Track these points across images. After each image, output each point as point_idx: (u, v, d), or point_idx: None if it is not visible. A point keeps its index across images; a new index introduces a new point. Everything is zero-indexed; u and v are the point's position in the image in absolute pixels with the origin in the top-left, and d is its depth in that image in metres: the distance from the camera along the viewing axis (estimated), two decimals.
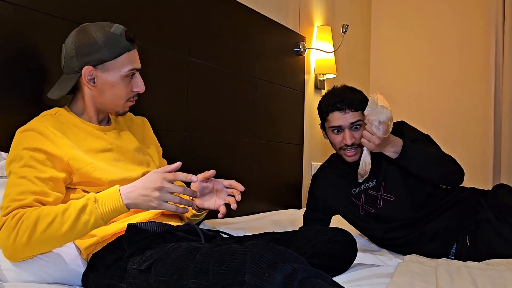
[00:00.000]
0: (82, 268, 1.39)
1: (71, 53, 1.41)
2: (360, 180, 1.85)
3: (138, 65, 1.47)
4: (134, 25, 1.94)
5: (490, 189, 2.02)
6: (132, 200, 1.26)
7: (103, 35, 1.40)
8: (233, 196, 1.50)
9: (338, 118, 1.90)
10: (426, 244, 1.92)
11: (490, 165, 3.66)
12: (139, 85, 1.48)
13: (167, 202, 1.26)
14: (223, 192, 1.53)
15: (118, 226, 1.37)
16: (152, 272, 1.19)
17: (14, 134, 1.38)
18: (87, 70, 1.40)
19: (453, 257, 1.87)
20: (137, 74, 1.48)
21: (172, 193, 1.27)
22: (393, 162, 1.86)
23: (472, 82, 3.88)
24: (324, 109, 1.95)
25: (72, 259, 1.37)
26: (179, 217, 1.57)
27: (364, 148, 1.76)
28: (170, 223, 1.43)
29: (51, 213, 1.22)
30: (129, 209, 1.27)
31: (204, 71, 2.38)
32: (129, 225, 1.35)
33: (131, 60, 1.44)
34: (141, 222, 1.38)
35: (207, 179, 1.53)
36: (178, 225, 1.44)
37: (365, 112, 1.69)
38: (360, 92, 1.97)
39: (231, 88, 2.59)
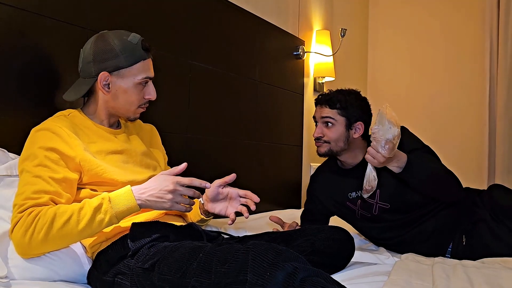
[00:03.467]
0: (87, 266, 1.40)
1: (88, 58, 1.44)
2: (365, 196, 1.76)
3: (152, 74, 1.50)
4: (136, 29, 1.94)
5: (485, 189, 2.01)
6: (144, 201, 1.31)
7: (120, 43, 1.42)
8: (246, 206, 1.53)
9: (316, 111, 2.01)
10: (423, 244, 1.92)
11: (485, 165, 3.67)
12: (151, 93, 1.50)
13: (178, 203, 1.33)
14: (236, 201, 1.56)
15: (123, 225, 1.37)
16: (156, 270, 1.20)
17: (22, 136, 1.38)
18: (103, 75, 1.42)
19: (449, 256, 1.87)
20: (150, 82, 1.50)
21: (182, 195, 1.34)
22: (391, 172, 1.86)
23: (467, 85, 3.88)
24: (314, 102, 2.05)
25: (78, 257, 1.38)
26: (182, 217, 1.57)
27: (369, 163, 1.70)
28: (173, 223, 1.44)
29: (67, 211, 1.24)
30: (140, 208, 1.31)
31: (206, 74, 2.38)
32: (133, 224, 1.36)
33: (145, 68, 1.46)
34: (145, 222, 1.38)
35: (225, 184, 1.56)
36: (181, 225, 1.45)
37: (373, 130, 1.64)
38: (357, 98, 1.97)
39: (232, 91, 2.59)
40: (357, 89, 2.03)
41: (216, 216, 1.60)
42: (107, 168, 1.39)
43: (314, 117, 2.01)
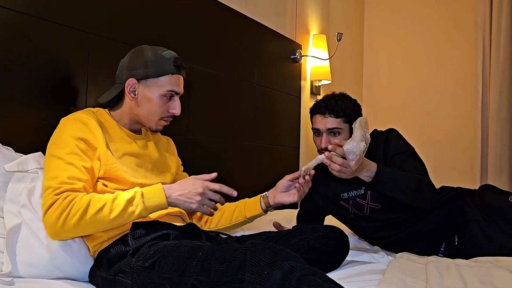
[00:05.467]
0: (89, 265, 1.40)
1: (123, 66, 1.52)
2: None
3: (178, 90, 1.52)
4: (137, 33, 1.95)
5: (476, 189, 2.01)
6: (173, 200, 1.36)
7: (153, 56, 1.49)
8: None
9: (318, 121, 1.89)
10: (416, 243, 1.92)
11: (478, 166, 3.68)
12: (176, 108, 1.53)
13: (204, 206, 1.39)
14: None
15: (125, 226, 1.37)
16: (156, 269, 1.20)
17: (27, 136, 1.42)
18: (131, 81, 1.48)
19: (442, 255, 1.87)
20: (176, 98, 1.53)
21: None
22: None
23: (461, 87, 3.89)
24: (310, 111, 1.97)
25: (81, 255, 1.38)
26: (182, 218, 1.58)
27: (320, 157, 1.65)
28: (173, 223, 1.44)
29: (101, 200, 1.29)
30: (168, 206, 1.37)
31: (205, 77, 2.38)
32: (134, 223, 1.36)
33: (172, 82, 1.50)
34: (145, 221, 1.39)
35: (294, 178, 1.69)
36: (181, 225, 1.45)
37: (345, 147, 1.59)
38: (352, 101, 1.92)
39: (231, 94, 2.60)
40: (345, 92, 1.97)
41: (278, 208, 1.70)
42: (121, 167, 1.42)
43: (316, 129, 1.90)
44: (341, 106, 1.87)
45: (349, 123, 1.88)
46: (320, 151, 1.91)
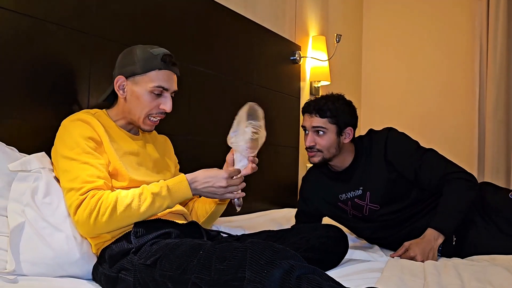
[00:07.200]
0: (92, 262, 1.40)
1: (115, 65, 1.53)
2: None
3: (167, 85, 1.50)
4: (139, 36, 1.95)
5: None
6: (198, 192, 1.42)
7: (141, 53, 1.49)
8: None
9: (306, 120, 1.94)
10: None
11: (475, 165, 3.69)
12: (167, 104, 1.51)
13: (228, 193, 1.44)
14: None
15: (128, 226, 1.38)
16: (158, 266, 1.20)
17: (30, 137, 1.42)
18: (119, 78, 1.50)
19: (440, 255, 1.87)
20: (167, 94, 1.51)
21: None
22: (381, 174, 1.88)
23: (458, 89, 3.90)
24: (302, 110, 2.00)
25: (84, 253, 1.38)
26: (184, 216, 1.58)
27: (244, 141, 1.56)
28: (175, 221, 1.45)
29: (128, 196, 1.32)
30: (193, 196, 1.43)
31: (205, 78, 2.39)
32: (137, 222, 1.36)
33: (160, 78, 1.48)
34: (148, 220, 1.39)
35: None
36: (183, 223, 1.46)
37: (230, 139, 1.56)
38: (345, 103, 1.92)
39: (231, 94, 2.60)
40: (342, 93, 1.97)
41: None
42: (122, 165, 1.43)
43: (303, 126, 1.94)
44: (328, 107, 1.88)
45: (336, 124, 1.89)
46: (307, 149, 1.95)
